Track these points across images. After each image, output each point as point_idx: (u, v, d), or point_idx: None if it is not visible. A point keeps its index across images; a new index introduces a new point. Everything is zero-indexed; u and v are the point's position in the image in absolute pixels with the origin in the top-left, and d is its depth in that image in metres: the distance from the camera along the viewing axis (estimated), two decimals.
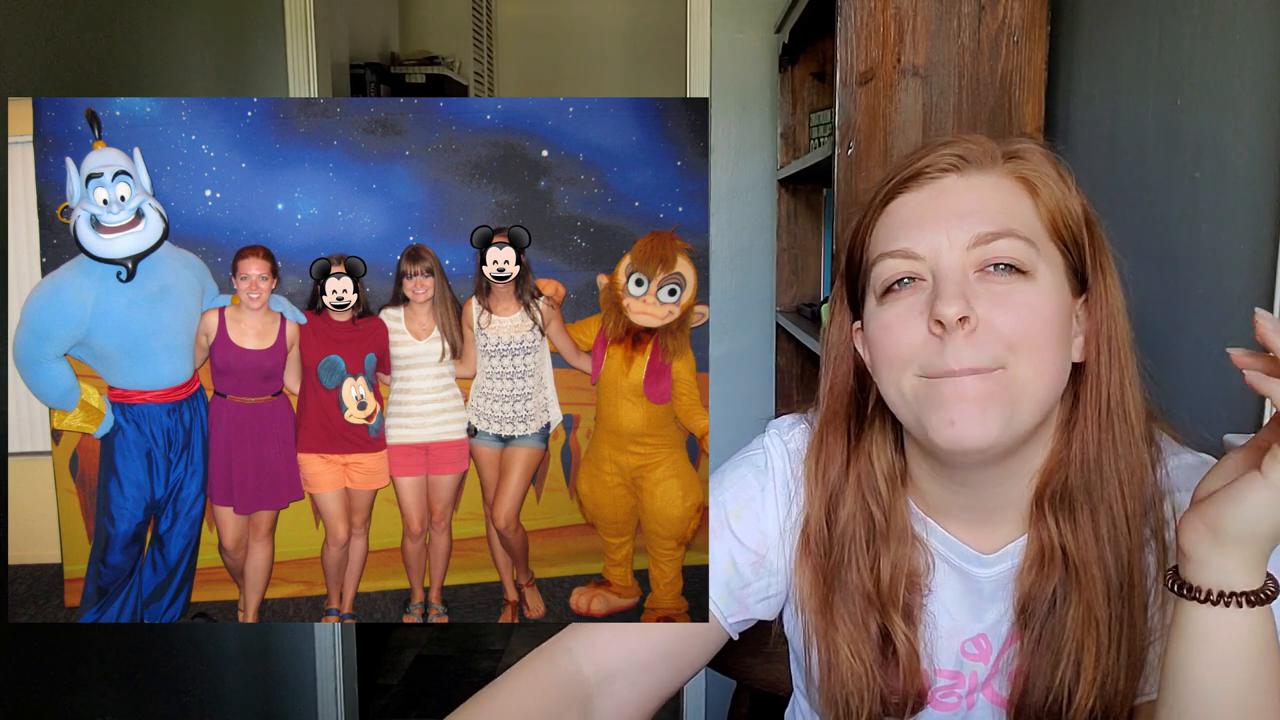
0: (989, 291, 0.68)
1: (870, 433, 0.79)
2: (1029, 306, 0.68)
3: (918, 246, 0.70)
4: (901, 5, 1.44)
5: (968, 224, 0.69)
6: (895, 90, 1.46)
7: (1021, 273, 0.69)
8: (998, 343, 0.67)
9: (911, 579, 0.78)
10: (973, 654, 0.79)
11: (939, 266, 0.69)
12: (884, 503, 0.78)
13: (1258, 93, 1.01)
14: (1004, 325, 0.67)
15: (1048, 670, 0.73)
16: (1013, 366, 0.68)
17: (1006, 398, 0.68)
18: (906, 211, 0.72)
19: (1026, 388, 0.68)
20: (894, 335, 0.71)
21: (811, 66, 2.13)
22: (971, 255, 0.69)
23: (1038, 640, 0.74)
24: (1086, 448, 0.72)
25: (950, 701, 0.80)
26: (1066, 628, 0.72)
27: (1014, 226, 0.69)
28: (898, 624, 0.76)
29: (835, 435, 0.80)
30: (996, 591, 0.78)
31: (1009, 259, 0.69)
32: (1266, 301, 0.98)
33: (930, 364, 0.69)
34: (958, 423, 0.67)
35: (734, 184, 2.29)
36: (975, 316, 0.67)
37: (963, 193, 0.71)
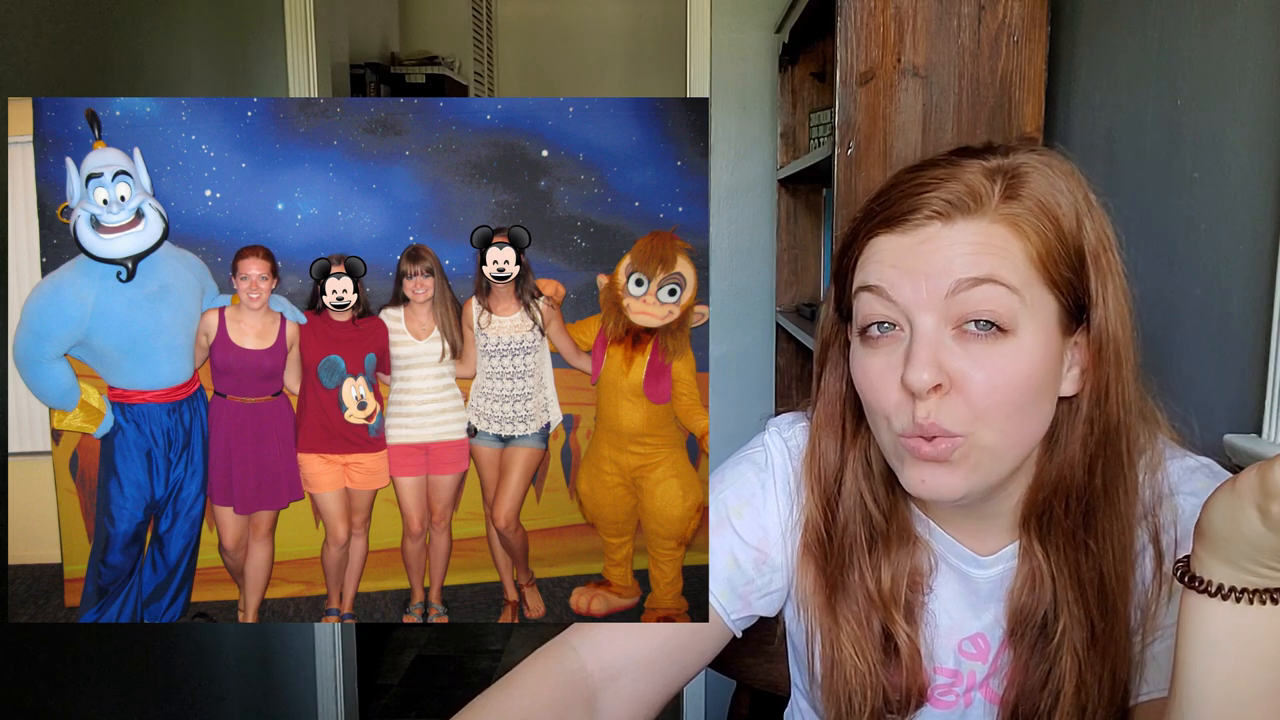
0: (965, 352, 0.66)
1: (867, 435, 0.78)
2: (1003, 371, 0.66)
3: (895, 293, 0.68)
4: (901, 5, 1.44)
5: (948, 275, 0.66)
6: (895, 90, 1.46)
7: (1002, 330, 0.66)
8: (967, 406, 0.66)
9: (914, 578, 0.78)
10: (970, 653, 0.80)
11: (914, 321, 0.67)
12: (883, 504, 0.78)
13: (1258, 93, 1.01)
14: (975, 392, 0.66)
15: (1035, 687, 0.74)
16: (978, 434, 0.67)
17: (971, 461, 0.68)
18: (887, 252, 0.69)
19: (992, 451, 0.68)
20: (873, 387, 0.70)
21: (811, 66, 2.13)
22: (950, 306, 0.66)
23: (1027, 658, 0.75)
24: (1075, 472, 0.71)
25: (948, 700, 0.80)
26: (1052, 650, 0.73)
27: (997, 273, 0.66)
28: (900, 624, 0.77)
29: (830, 439, 0.80)
30: (994, 592, 0.78)
31: (989, 314, 0.66)
32: (1266, 301, 0.98)
33: (901, 421, 0.68)
34: (928, 481, 0.68)
35: (734, 184, 2.29)
36: (948, 381, 0.66)
37: (947, 246, 0.67)
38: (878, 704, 0.77)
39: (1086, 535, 0.71)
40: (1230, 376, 1.06)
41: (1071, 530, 0.71)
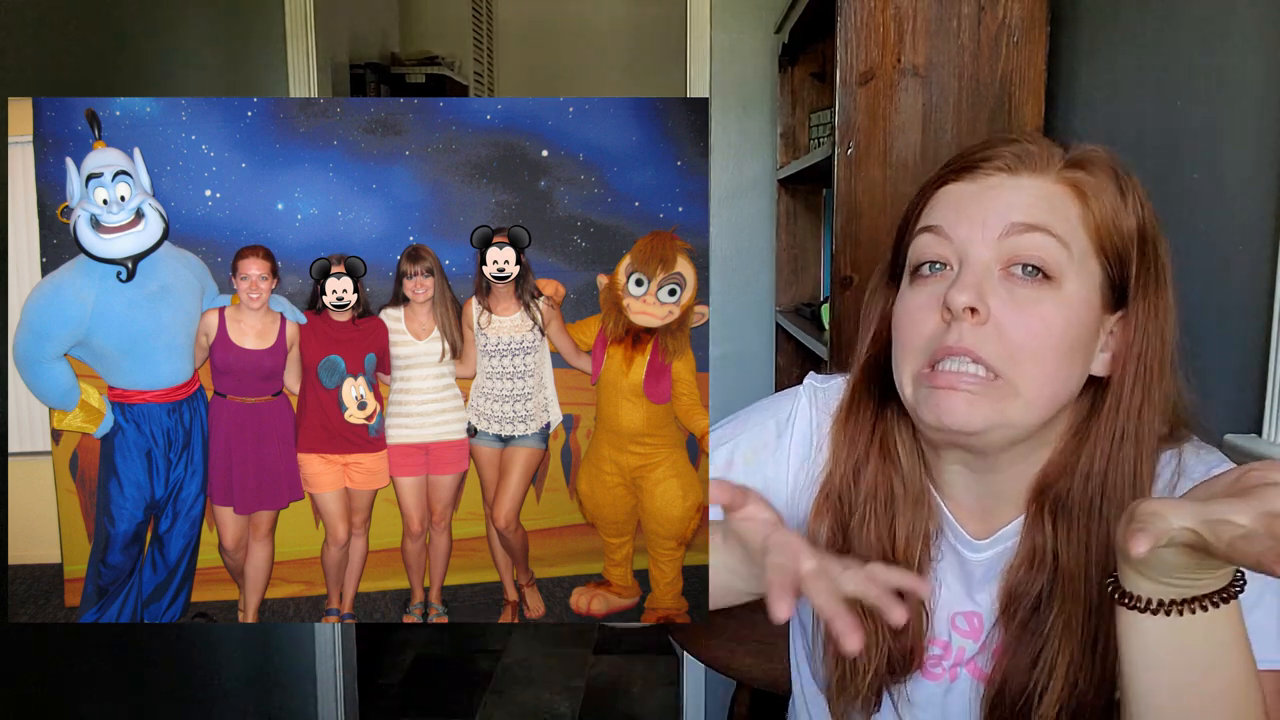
0: (1009, 293, 0.69)
1: (898, 403, 0.80)
2: (1044, 318, 0.68)
3: (952, 230, 0.71)
4: (901, 5, 1.44)
5: (1004, 216, 0.70)
6: (895, 90, 1.46)
7: (1048, 278, 0.69)
8: (1002, 344, 0.68)
9: (925, 541, 0.80)
10: (963, 630, 0.81)
11: (967, 255, 0.70)
12: (904, 470, 0.80)
13: (1258, 93, 1.01)
14: (1014, 331, 0.68)
15: (1024, 669, 0.74)
16: (1010, 377, 0.68)
17: (996, 400, 0.69)
18: (952, 198, 0.73)
19: (1020, 396, 0.69)
20: (912, 321, 0.73)
21: (811, 66, 2.13)
22: (1002, 247, 0.69)
23: (1018, 638, 0.75)
24: (1094, 462, 0.72)
25: (937, 672, 0.82)
26: (1046, 632, 0.73)
27: (1050, 224, 0.69)
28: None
29: (865, 402, 0.82)
30: (987, 575, 0.79)
31: (1037, 259, 0.69)
32: (1266, 301, 0.98)
33: (933, 345, 0.70)
34: (942, 406, 0.69)
35: (734, 184, 2.29)
36: (986, 310, 0.68)
37: (1010, 191, 0.71)
38: (882, 664, 0.79)
39: (1098, 514, 0.72)
40: (1230, 376, 1.06)
41: (1086, 508, 0.72)
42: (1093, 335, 0.72)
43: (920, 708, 0.82)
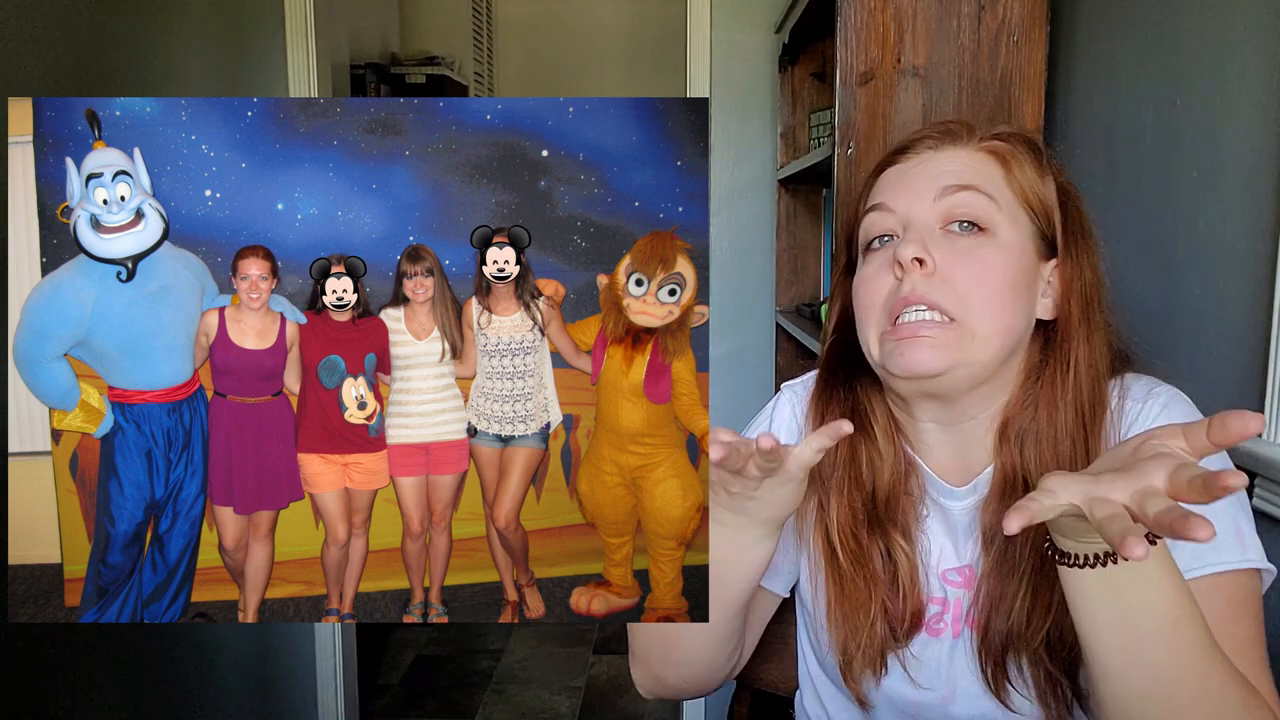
0: (950, 246, 0.77)
1: (866, 377, 0.87)
2: (985, 262, 0.76)
3: (893, 202, 0.80)
4: (901, 5, 1.44)
5: (937, 182, 0.78)
6: (895, 90, 1.46)
7: (982, 230, 0.77)
8: (952, 291, 0.75)
9: (908, 503, 0.84)
10: (956, 581, 0.84)
11: (909, 220, 0.78)
12: (879, 441, 0.85)
13: (1258, 93, 1.02)
14: (960, 277, 0.75)
15: (1009, 596, 0.78)
16: (963, 319, 0.75)
17: (955, 343, 0.75)
18: (890, 178, 0.83)
19: (976, 335, 0.75)
20: (870, 287, 0.80)
21: (811, 66, 2.13)
22: (938, 208, 0.77)
23: (998, 566, 0.80)
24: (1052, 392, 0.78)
25: (939, 628, 0.85)
26: (1026, 559, 0.77)
27: (978, 183, 0.78)
28: (896, 540, 0.83)
29: (835, 383, 0.88)
30: (972, 524, 0.83)
31: (971, 215, 0.77)
32: (1266, 301, 0.98)
33: (891, 299, 0.77)
34: (907, 354, 0.76)
35: (734, 184, 2.29)
36: (933, 261, 0.76)
37: (940, 162, 0.80)
38: (882, 628, 0.82)
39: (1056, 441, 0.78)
40: (1230, 376, 1.06)
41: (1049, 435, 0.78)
42: (1031, 278, 0.79)
43: (928, 665, 0.84)
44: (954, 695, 0.83)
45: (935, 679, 0.84)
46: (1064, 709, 0.77)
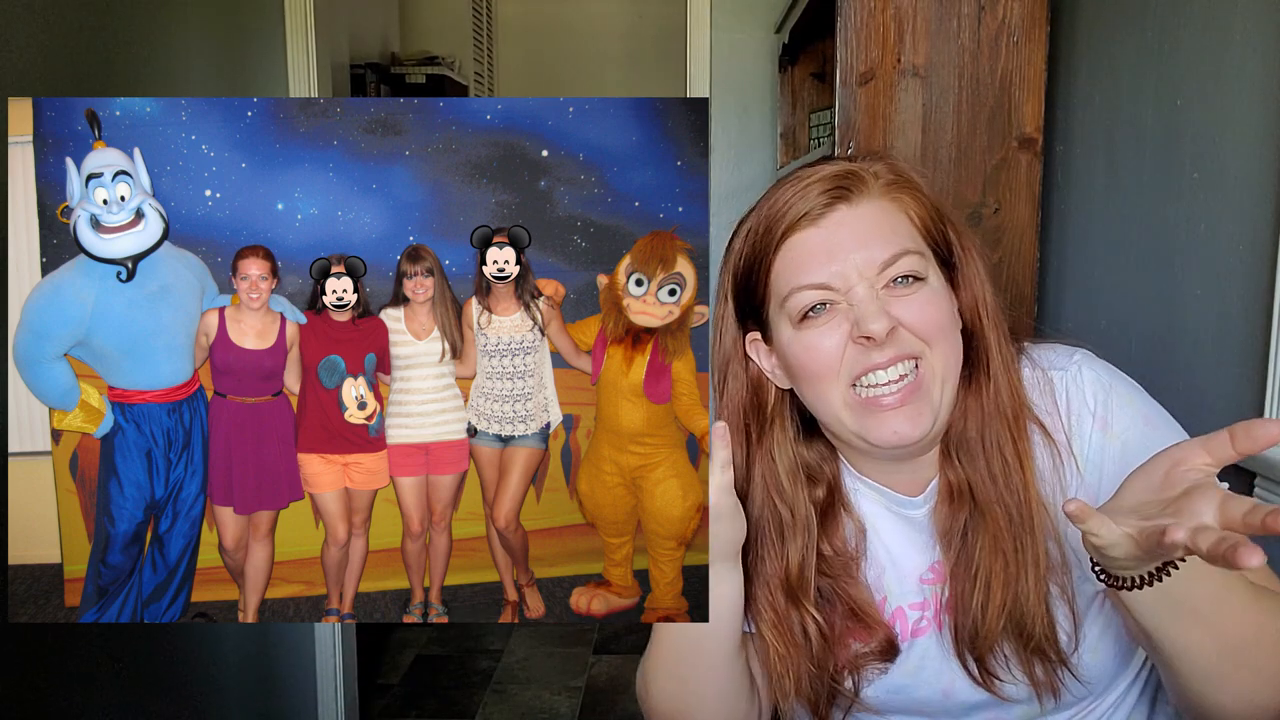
0: (898, 300, 0.79)
1: (770, 433, 0.87)
2: (931, 305, 0.79)
3: (830, 280, 0.79)
4: (901, 5, 1.44)
5: (868, 253, 0.79)
6: (895, 90, 1.46)
7: (918, 279, 0.79)
8: (912, 339, 0.78)
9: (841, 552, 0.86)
10: (930, 579, 0.87)
11: (854, 294, 0.79)
12: (788, 498, 0.85)
13: (1258, 93, 1.02)
14: (916, 324, 0.78)
15: (967, 595, 0.82)
16: (927, 357, 0.79)
17: (925, 390, 0.78)
18: (808, 247, 0.81)
19: (938, 373, 0.79)
20: (820, 352, 0.80)
21: (811, 66, 2.13)
22: (879, 278, 0.79)
23: (957, 567, 0.83)
24: (982, 400, 0.82)
25: (923, 626, 0.87)
26: (977, 557, 0.81)
27: (904, 245, 0.79)
28: (807, 609, 0.84)
29: (736, 442, 0.87)
30: (933, 524, 0.86)
31: (908, 272, 0.79)
32: (1266, 301, 0.98)
33: (856, 365, 0.78)
34: (899, 430, 0.78)
35: (734, 184, 2.29)
36: (896, 322, 0.78)
37: (855, 222, 0.80)
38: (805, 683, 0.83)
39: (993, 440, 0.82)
40: (1230, 376, 1.06)
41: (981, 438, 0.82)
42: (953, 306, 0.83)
43: (920, 664, 0.86)
44: (952, 686, 0.85)
45: (930, 674, 0.86)
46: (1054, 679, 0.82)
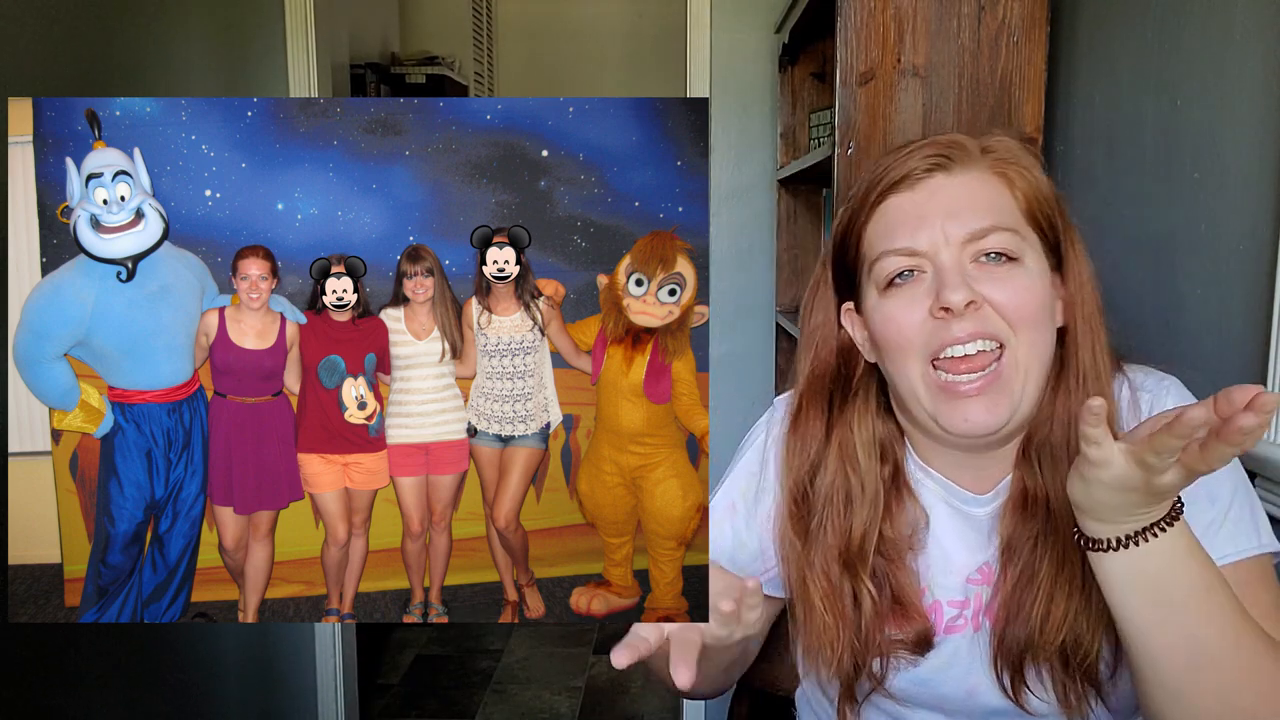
0: (987, 276, 0.76)
1: (853, 405, 0.86)
2: (1023, 288, 0.76)
3: (918, 244, 0.77)
4: (901, 5, 1.44)
5: (960, 221, 0.76)
6: (895, 90, 1.46)
7: (1012, 259, 0.76)
8: (997, 320, 0.75)
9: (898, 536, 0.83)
10: (977, 580, 0.85)
11: (939, 260, 0.76)
12: (861, 469, 0.84)
13: (1258, 93, 1.01)
14: (1003, 304, 0.75)
15: (1026, 606, 0.79)
16: (1011, 345, 0.75)
17: (1007, 380, 0.75)
18: (901, 211, 0.79)
19: (1023, 364, 0.75)
20: (899, 322, 0.78)
21: (811, 66, 2.13)
22: (967, 249, 0.76)
23: (1017, 578, 0.80)
24: (1070, 405, 0.78)
25: (959, 624, 0.85)
26: (1043, 570, 0.78)
27: (1000, 220, 0.76)
28: (864, 582, 0.82)
29: (816, 409, 0.86)
30: (994, 525, 0.84)
31: (1000, 249, 0.76)
32: (1266, 301, 0.98)
33: (934, 340, 0.75)
34: (971, 418, 0.75)
35: (734, 184, 2.29)
36: (978, 298, 0.75)
37: (952, 190, 0.78)
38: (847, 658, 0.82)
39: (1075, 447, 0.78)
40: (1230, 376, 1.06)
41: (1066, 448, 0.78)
42: (1052, 296, 0.79)
43: (948, 661, 0.85)
44: (977, 688, 0.84)
45: (959, 672, 0.84)
46: (1084, 704, 0.79)
